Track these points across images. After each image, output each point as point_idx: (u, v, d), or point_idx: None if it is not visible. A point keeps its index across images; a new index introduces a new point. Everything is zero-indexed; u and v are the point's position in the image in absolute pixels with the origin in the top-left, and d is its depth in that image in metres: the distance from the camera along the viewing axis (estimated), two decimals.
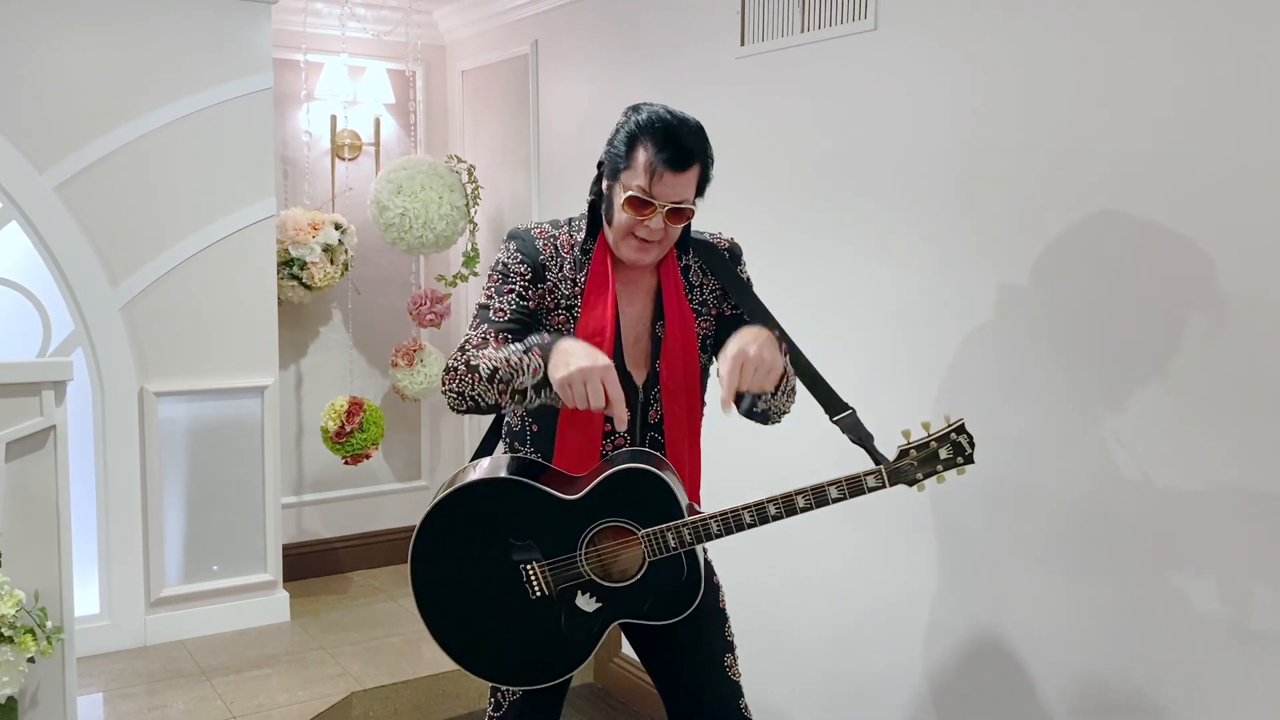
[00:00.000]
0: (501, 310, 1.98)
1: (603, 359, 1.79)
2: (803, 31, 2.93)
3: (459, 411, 1.96)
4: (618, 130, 1.97)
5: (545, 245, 2.03)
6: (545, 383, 1.81)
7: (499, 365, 1.85)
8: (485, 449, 2.16)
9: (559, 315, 2.01)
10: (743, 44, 3.14)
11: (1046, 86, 2.33)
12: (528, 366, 1.82)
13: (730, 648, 2.13)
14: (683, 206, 1.93)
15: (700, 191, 1.99)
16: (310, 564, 4.76)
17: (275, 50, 4.23)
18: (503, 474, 1.96)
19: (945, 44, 2.56)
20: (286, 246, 4.28)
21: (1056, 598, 2.36)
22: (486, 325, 1.97)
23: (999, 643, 2.50)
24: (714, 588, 2.14)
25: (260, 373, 4.17)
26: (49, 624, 2.72)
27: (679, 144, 1.89)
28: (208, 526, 4.11)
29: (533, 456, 2.06)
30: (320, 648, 3.98)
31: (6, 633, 2.58)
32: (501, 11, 4.41)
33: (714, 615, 2.12)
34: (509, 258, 2.02)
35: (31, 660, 2.64)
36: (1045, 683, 2.39)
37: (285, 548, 4.42)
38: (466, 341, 1.96)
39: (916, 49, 2.63)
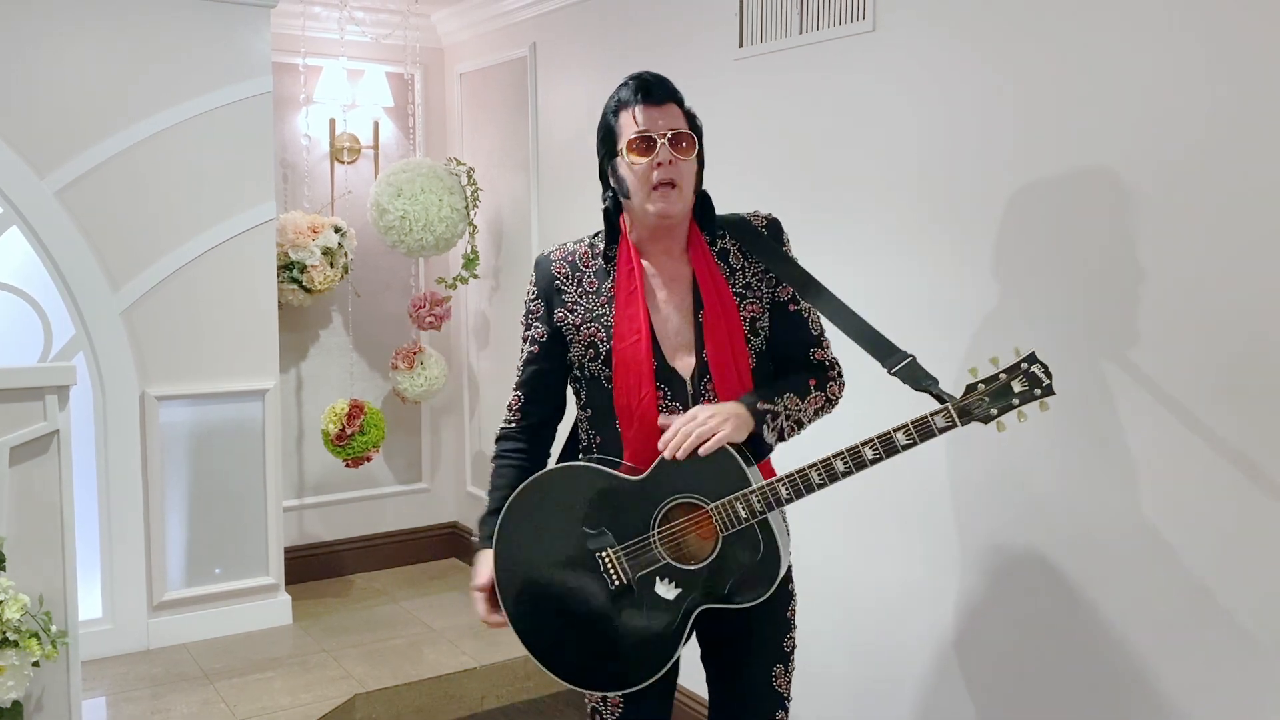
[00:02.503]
0: (520, 365, 2.14)
1: (473, 583, 2.11)
2: (801, 33, 2.94)
3: None
4: (602, 120, 2.04)
5: (560, 266, 2.06)
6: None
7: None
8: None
9: (589, 328, 2.02)
10: (741, 45, 3.15)
11: (1044, 86, 2.34)
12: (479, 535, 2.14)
13: (784, 659, 2.09)
14: (682, 131, 1.96)
15: (698, 142, 2.00)
16: (312, 567, 4.77)
17: (274, 54, 4.24)
18: (568, 462, 2.04)
19: (943, 45, 2.57)
20: (286, 250, 4.29)
21: (1062, 596, 2.37)
22: (515, 382, 2.17)
23: (1004, 642, 2.51)
24: (786, 594, 2.10)
25: (261, 376, 4.18)
26: (53, 628, 2.72)
27: (645, 81, 1.98)
28: (209, 530, 4.11)
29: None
30: (323, 650, 3.99)
31: (11, 637, 2.58)
32: (500, 14, 4.42)
33: (777, 621, 2.08)
34: (528, 294, 2.12)
35: (36, 664, 2.65)
36: (1051, 680, 2.40)
37: (287, 551, 4.43)
38: (512, 404, 2.18)
39: (915, 50, 2.64)
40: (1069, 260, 2.32)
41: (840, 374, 2.12)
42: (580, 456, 2.13)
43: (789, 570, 2.09)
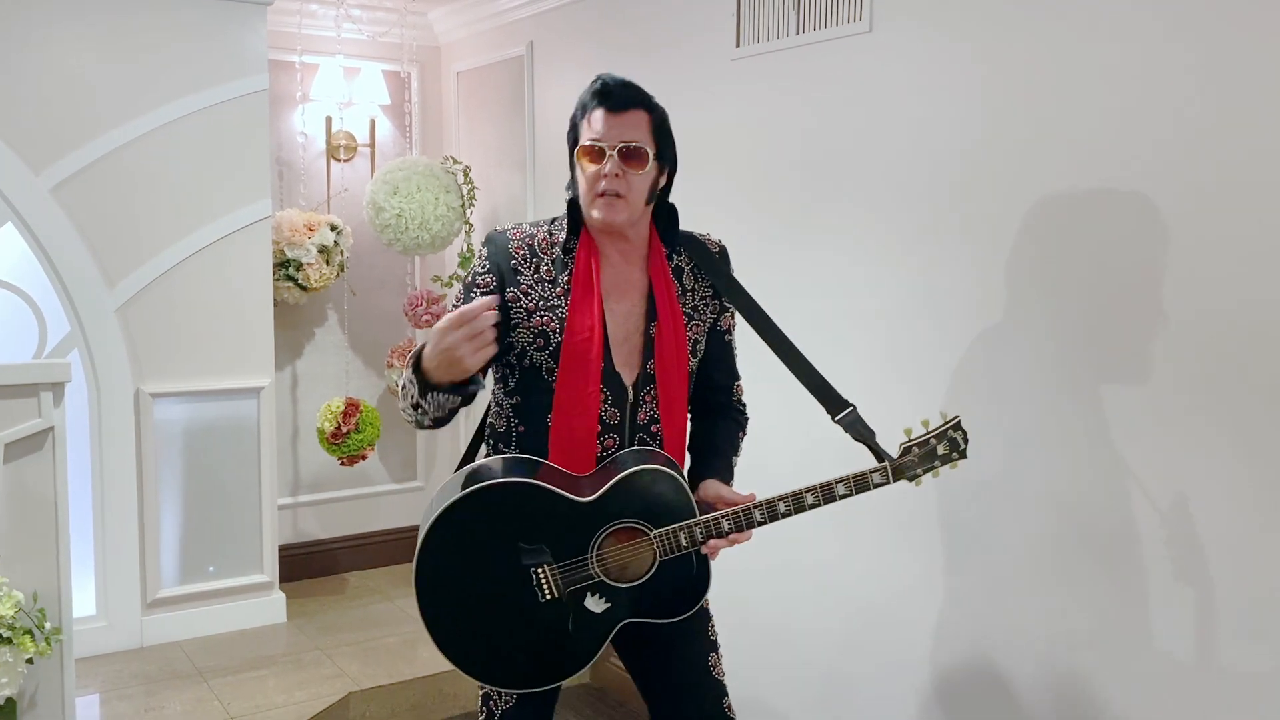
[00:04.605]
0: None
1: (440, 324, 1.82)
2: (797, 33, 2.95)
3: (419, 428, 2.03)
4: (572, 114, 2.04)
5: (519, 247, 2.01)
6: (429, 386, 1.87)
7: (406, 391, 1.94)
8: (470, 455, 2.15)
9: (541, 316, 1.98)
10: (738, 45, 3.15)
11: (1039, 88, 2.35)
12: (413, 383, 1.89)
13: (714, 647, 2.14)
14: (634, 145, 1.94)
15: (665, 152, 1.99)
16: (306, 565, 4.76)
17: (271, 52, 4.24)
18: (511, 478, 1.95)
19: (939, 46, 2.57)
20: (282, 248, 4.29)
21: (1050, 596, 2.38)
22: None
23: (994, 641, 2.51)
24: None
25: (256, 374, 4.17)
26: (47, 625, 2.72)
27: (608, 88, 1.96)
28: (204, 528, 4.11)
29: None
30: (317, 648, 3.99)
31: (5, 634, 2.58)
32: (496, 13, 4.42)
33: (699, 615, 2.12)
34: (478, 266, 2.03)
35: (30, 661, 2.65)
36: (1040, 680, 2.41)
37: (281, 549, 4.43)
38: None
39: (911, 51, 2.64)
40: (1067, 262, 2.32)
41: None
42: (497, 445, 2.08)
43: None
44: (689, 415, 2.17)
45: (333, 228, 4.41)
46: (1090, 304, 2.27)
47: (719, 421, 2.18)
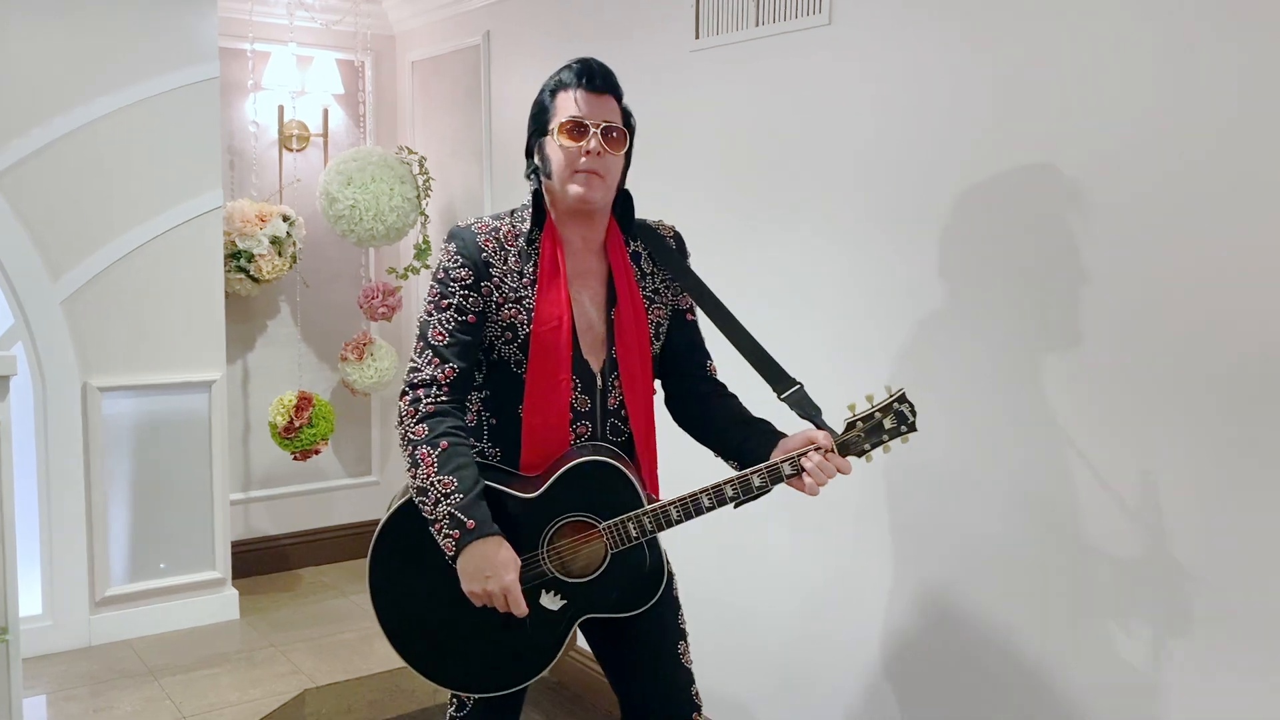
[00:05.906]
0: (441, 333, 1.96)
1: (509, 576, 1.86)
2: (757, 25, 2.94)
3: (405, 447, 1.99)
4: (538, 97, 2.03)
5: (487, 240, 2.00)
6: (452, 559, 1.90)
7: (429, 496, 1.89)
8: None
9: (509, 309, 1.98)
10: (697, 37, 3.14)
11: (1000, 78, 2.36)
12: (445, 535, 1.89)
13: (683, 635, 2.16)
14: (615, 126, 1.97)
15: (628, 140, 2.01)
16: (259, 561, 4.70)
17: (221, 39, 4.17)
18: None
19: (898, 38, 2.58)
20: (233, 238, 4.22)
21: (1011, 585, 2.40)
22: (431, 354, 1.96)
23: (954, 630, 2.53)
24: (668, 575, 2.14)
25: (207, 367, 4.10)
26: None
27: (591, 69, 1.98)
28: (154, 524, 4.04)
29: (492, 452, 2.04)
30: (271, 645, 3.94)
31: None
32: (452, 2, 4.37)
33: (668, 604, 2.14)
34: (449, 262, 1.99)
35: None
36: (1001, 668, 2.43)
37: (234, 545, 4.36)
38: (416, 378, 1.96)
39: (870, 43, 2.65)
40: (1028, 253, 2.34)
41: None
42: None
43: (664, 552, 2.15)
44: (687, 410, 2.18)
45: (285, 219, 4.35)
46: (1057, 293, 2.29)
47: (717, 402, 2.15)
